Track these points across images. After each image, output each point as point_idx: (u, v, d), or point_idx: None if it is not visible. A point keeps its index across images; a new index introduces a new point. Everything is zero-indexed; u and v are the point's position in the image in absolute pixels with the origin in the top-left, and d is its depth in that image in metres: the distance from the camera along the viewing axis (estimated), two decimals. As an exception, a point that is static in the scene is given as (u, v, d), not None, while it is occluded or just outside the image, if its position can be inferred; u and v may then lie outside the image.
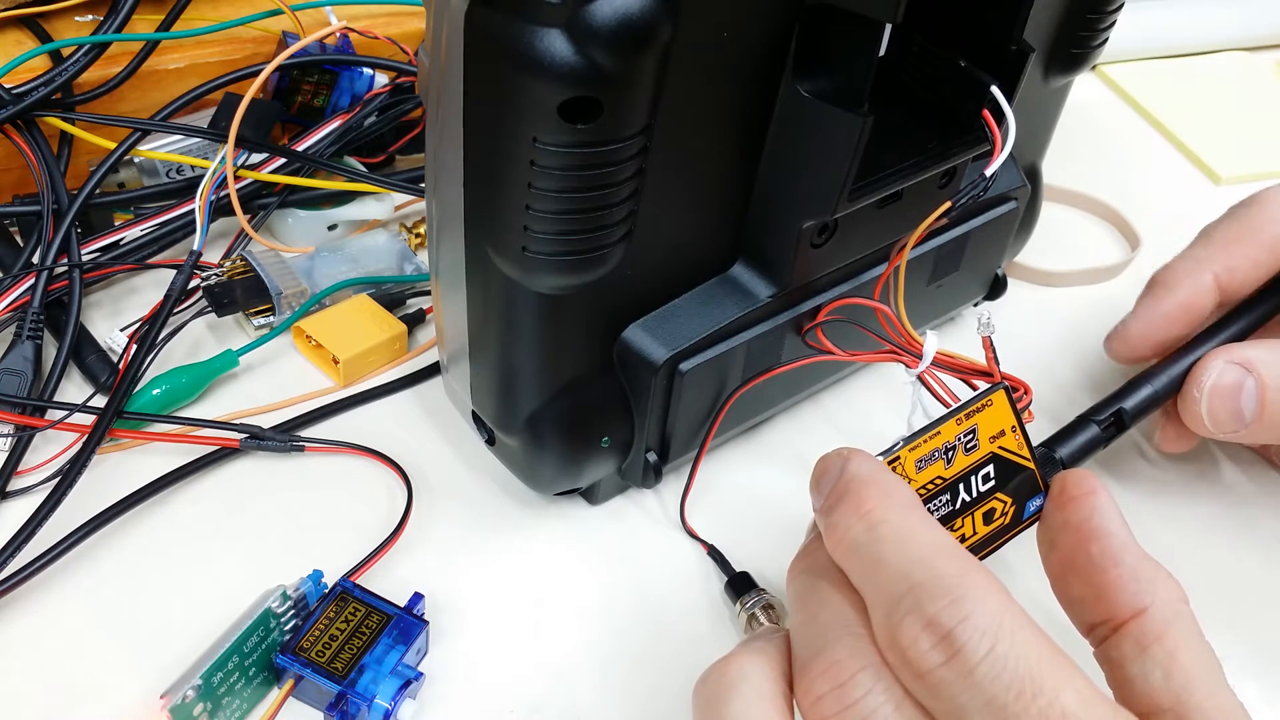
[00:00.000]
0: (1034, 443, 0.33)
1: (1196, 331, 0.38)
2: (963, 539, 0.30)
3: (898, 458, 0.29)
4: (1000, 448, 0.30)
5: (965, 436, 0.30)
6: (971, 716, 0.23)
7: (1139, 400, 0.36)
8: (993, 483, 0.30)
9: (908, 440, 0.29)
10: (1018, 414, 0.31)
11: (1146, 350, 0.38)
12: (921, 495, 0.29)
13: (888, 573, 0.25)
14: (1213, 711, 0.25)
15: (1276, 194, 0.37)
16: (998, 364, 0.33)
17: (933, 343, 0.34)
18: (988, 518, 0.30)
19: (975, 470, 0.30)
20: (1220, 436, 0.36)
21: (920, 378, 0.34)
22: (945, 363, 0.34)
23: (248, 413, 0.41)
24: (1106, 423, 0.36)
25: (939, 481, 0.29)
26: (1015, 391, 0.32)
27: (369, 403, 0.42)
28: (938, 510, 0.29)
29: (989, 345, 0.33)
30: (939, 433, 0.29)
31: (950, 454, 0.30)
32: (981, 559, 0.30)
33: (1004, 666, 0.23)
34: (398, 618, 0.34)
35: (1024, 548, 0.31)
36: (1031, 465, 0.31)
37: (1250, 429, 0.35)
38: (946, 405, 0.33)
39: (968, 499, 0.30)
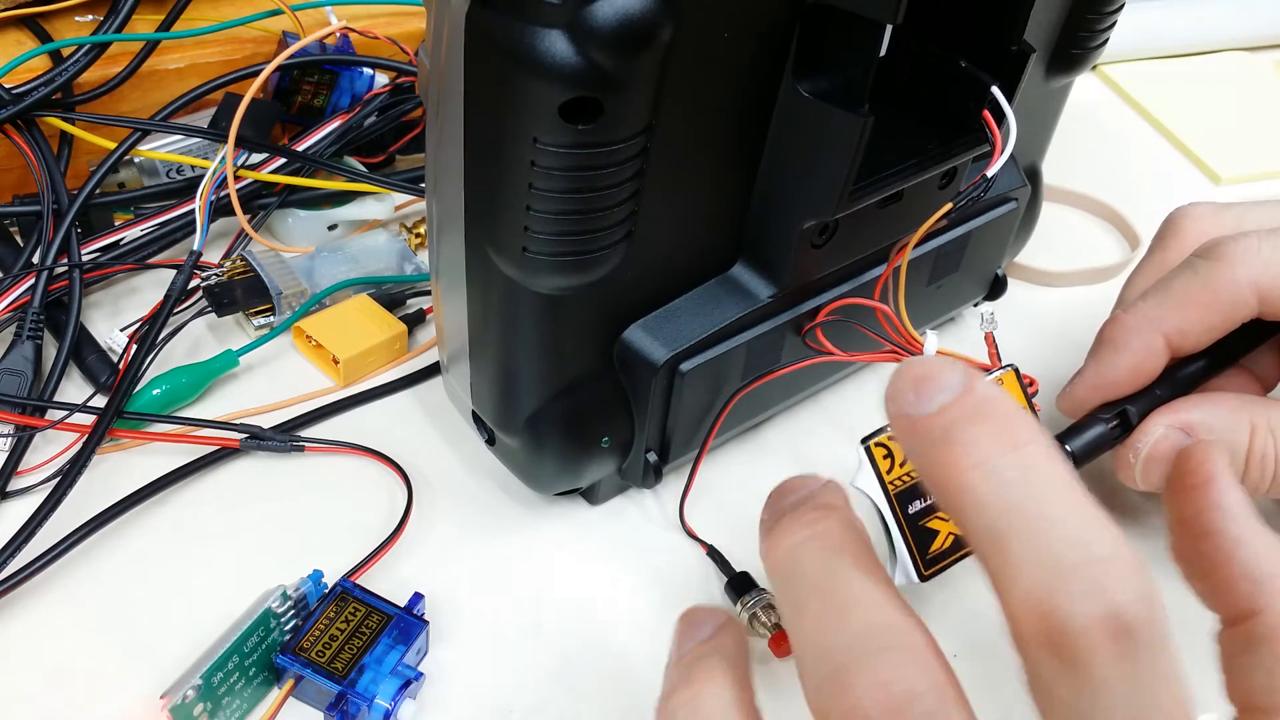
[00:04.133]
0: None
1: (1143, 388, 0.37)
2: None
3: None
4: None
5: None
6: None
7: (1147, 402, 0.36)
8: None
9: None
10: (1028, 396, 0.31)
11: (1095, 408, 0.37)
12: None
13: (1054, 532, 0.21)
14: None
15: (1241, 250, 0.35)
16: (1000, 359, 0.33)
17: (933, 342, 0.34)
18: None
19: None
20: (1150, 490, 0.36)
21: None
22: None
23: (248, 413, 0.41)
24: (1112, 421, 0.36)
25: None
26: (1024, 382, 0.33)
27: (369, 403, 0.42)
28: None
29: (991, 341, 0.33)
30: None
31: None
32: None
33: (1169, 689, 0.20)
34: (398, 618, 0.34)
35: None
36: None
37: None
38: None
39: None
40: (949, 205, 0.33)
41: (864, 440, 0.29)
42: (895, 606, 0.22)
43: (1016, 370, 0.31)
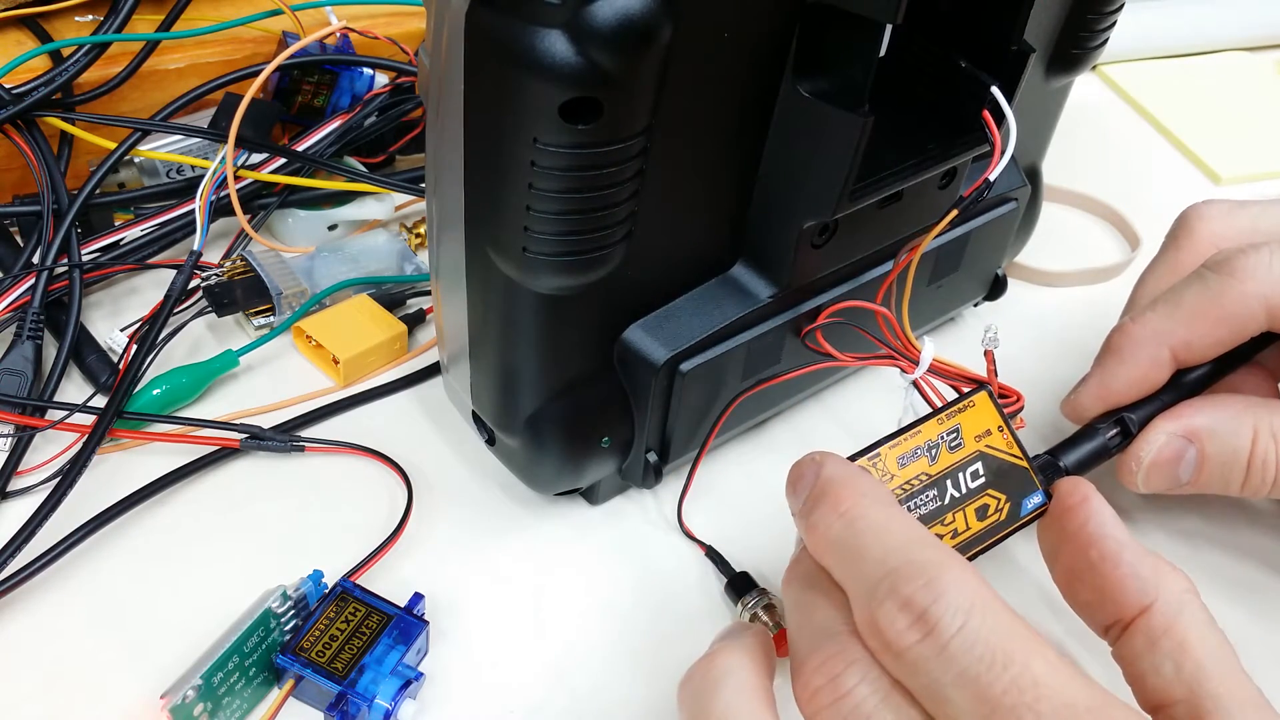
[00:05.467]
0: (1041, 450, 0.33)
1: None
2: (955, 534, 0.30)
3: (878, 455, 0.30)
4: (987, 446, 0.31)
5: (948, 435, 0.30)
6: (946, 689, 0.24)
7: (1147, 410, 0.36)
8: (982, 479, 0.31)
9: (888, 439, 0.30)
10: (1003, 414, 0.31)
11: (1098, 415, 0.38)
12: (907, 490, 0.30)
13: (866, 563, 0.26)
14: (1226, 697, 0.25)
15: (1253, 265, 0.35)
16: (996, 377, 0.33)
17: (929, 350, 0.34)
18: (981, 513, 0.31)
19: (962, 467, 0.30)
20: (1151, 493, 0.36)
21: (915, 383, 0.34)
22: (942, 370, 0.34)
23: (248, 413, 0.41)
24: (1111, 431, 0.36)
25: (924, 478, 0.30)
26: (1006, 398, 0.33)
27: (369, 403, 0.42)
28: (925, 505, 0.30)
29: (991, 359, 0.33)
30: (920, 431, 0.30)
31: (934, 452, 0.30)
32: (979, 554, 0.30)
33: (976, 639, 0.24)
34: (398, 618, 0.34)
35: (1032, 546, 0.31)
36: (1023, 463, 0.31)
37: (1183, 489, 0.36)
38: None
39: (957, 495, 0.30)
40: (954, 212, 0.33)
41: (851, 459, 0.29)
42: (842, 604, 0.27)
43: (990, 392, 0.31)
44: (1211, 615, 0.27)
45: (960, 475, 0.30)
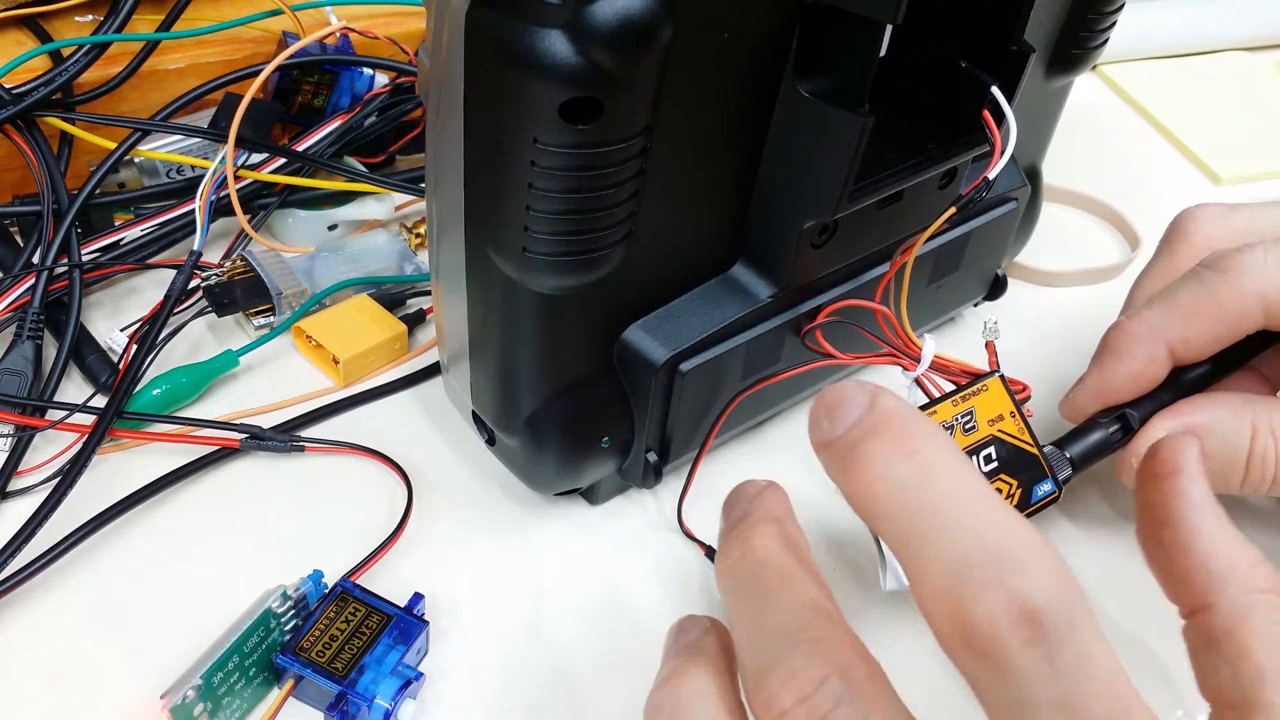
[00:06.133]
0: (1045, 440, 0.33)
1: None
2: None
3: None
4: (1000, 431, 0.31)
5: (962, 417, 0.30)
6: (1038, 712, 0.20)
7: (1149, 405, 0.36)
8: (995, 464, 0.31)
9: None
10: (1015, 400, 0.31)
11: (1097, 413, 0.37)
12: None
13: (951, 529, 0.22)
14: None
15: (1248, 262, 0.34)
16: (999, 367, 0.33)
17: (930, 346, 0.34)
18: None
19: (975, 451, 0.30)
20: None
21: (917, 380, 0.34)
22: (943, 366, 0.34)
23: (248, 413, 0.41)
24: (1113, 426, 0.36)
25: None
26: (1015, 388, 0.33)
27: (369, 403, 0.42)
28: None
29: (992, 349, 0.33)
30: (935, 412, 0.30)
31: (949, 433, 0.30)
32: None
33: (1093, 666, 0.20)
34: (398, 618, 0.34)
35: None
36: (1034, 450, 0.31)
37: None
38: None
39: None
40: (952, 210, 0.33)
41: None
42: (810, 606, 0.24)
43: (1003, 377, 0.31)
44: None
45: (974, 459, 0.30)
